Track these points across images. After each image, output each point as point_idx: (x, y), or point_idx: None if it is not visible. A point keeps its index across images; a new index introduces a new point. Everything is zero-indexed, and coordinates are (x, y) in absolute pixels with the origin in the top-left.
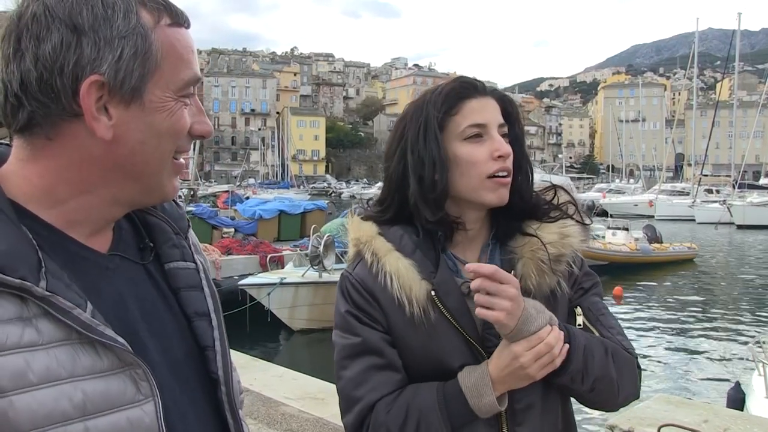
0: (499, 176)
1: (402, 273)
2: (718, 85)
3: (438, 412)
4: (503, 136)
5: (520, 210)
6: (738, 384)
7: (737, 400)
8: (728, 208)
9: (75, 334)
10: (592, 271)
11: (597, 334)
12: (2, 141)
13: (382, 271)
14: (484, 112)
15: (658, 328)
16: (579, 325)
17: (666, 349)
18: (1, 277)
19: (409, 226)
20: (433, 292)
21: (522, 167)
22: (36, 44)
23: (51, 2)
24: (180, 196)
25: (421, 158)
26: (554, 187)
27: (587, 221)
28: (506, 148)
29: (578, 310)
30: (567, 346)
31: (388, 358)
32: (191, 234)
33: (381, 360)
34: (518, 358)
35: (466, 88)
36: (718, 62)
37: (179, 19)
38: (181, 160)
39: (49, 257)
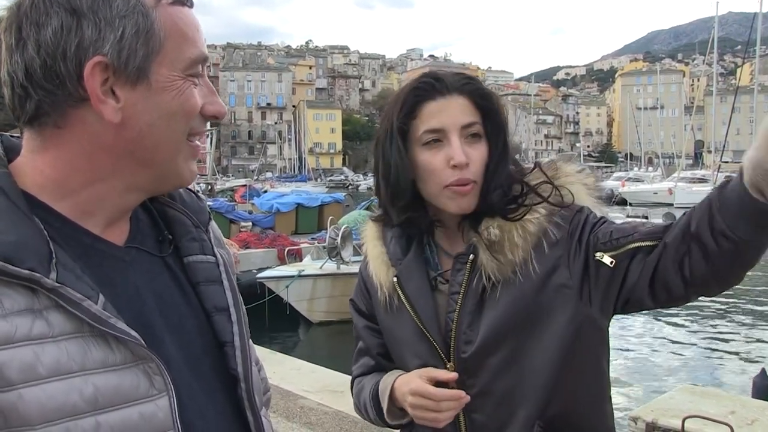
0: (456, 186)
1: (374, 259)
2: (739, 70)
3: (370, 401)
4: (474, 135)
5: (485, 211)
6: (764, 371)
7: (762, 387)
8: None
9: (86, 327)
10: (579, 215)
11: (629, 247)
12: (16, 135)
13: (367, 259)
14: (442, 114)
15: (680, 317)
16: (611, 263)
17: (689, 339)
18: (9, 268)
19: None
20: (394, 278)
21: (495, 167)
22: (37, 31)
23: None
24: (198, 191)
25: (387, 163)
26: (524, 178)
27: (568, 200)
28: (460, 157)
29: (598, 255)
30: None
31: (366, 344)
32: (213, 227)
33: (363, 345)
34: (407, 392)
35: (424, 90)
36: (739, 47)
37: None
38: (197, 142)
39: (62, 249)
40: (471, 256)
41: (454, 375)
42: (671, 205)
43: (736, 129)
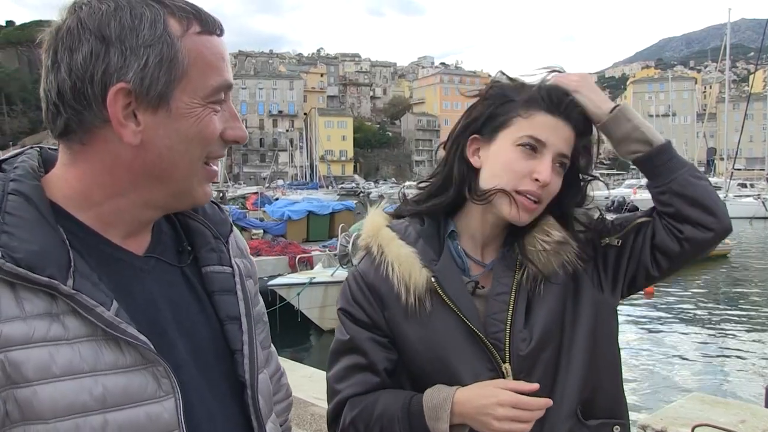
0: (527, 197)
1: (402, 260)
2: (752, 76)
3: (399, 424)
4: (561, 165)
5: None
6: None
7: None
8: (763, 202)
9: (100, 331)
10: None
11: (632, 225)
12: (54, 147)
13: (385, 261)
14: (552, 132)
15: (691, 324)
16: (618, 242)
17: (700, 346)
18: (31, 275)
19: (420, 219)
20: (433, 279)
21: (561, 206)
22: (69, 55)
23: (84, 15)
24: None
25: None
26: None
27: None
28: (546, 177)
29: (606, 240)
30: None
31: (370, 359)
32: (236, 236)
33: (363, 360)
34: (495, 405)
35: (550, 101)
36: (752, 53)
37: (210, 27)
38: (214, 166)
39: (82, 257)
40: (519, 257)
41: (535, 386)
42: None
43: (749, 136)
